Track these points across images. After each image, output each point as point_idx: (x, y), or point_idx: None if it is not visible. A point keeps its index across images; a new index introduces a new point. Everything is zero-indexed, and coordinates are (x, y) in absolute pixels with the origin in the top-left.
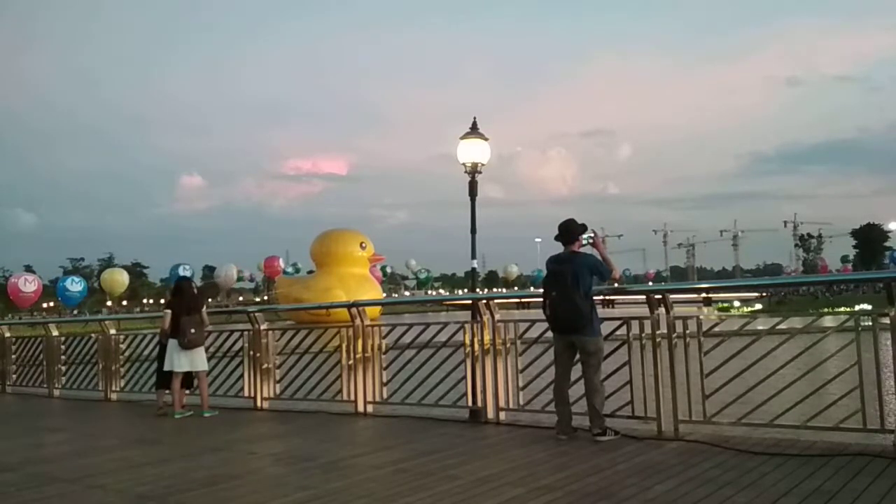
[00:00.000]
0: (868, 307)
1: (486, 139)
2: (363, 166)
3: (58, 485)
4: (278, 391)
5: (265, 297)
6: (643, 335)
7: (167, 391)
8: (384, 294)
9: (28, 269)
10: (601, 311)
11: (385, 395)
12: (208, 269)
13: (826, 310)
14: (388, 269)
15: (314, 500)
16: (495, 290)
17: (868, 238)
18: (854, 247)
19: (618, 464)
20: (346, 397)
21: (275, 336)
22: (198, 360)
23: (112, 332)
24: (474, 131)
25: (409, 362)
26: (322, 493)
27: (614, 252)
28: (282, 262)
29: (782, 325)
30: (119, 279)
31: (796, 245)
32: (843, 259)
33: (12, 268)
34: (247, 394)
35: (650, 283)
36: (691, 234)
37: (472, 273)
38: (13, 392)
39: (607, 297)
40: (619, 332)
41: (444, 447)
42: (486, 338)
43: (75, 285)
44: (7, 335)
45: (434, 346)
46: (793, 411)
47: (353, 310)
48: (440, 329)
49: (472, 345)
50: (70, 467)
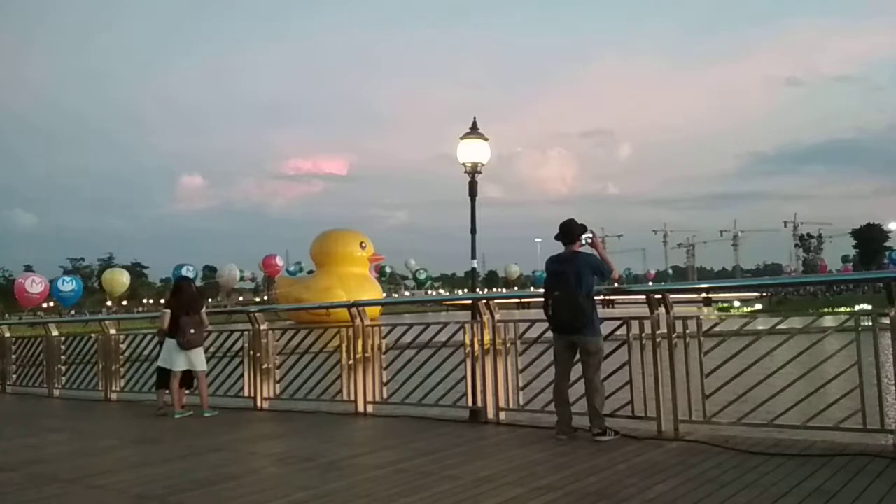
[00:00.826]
0: (868, 307)
1: (486, 139)
2: (363, 166)
3: (58, 485)
4: (278, 391)
5: (265, 297)
6: (643, 335)
7: (167, 391)
8: (384, 294)
9: (28, 269)
10: (601, 311)
11: (385, 395)
12: (209, 269)
13: (826, 310)
14: (388, 269)
15: (314, 500)
16: (495, 290)
17: (868, 238)
18: (854, 247)
19: (618, 464)
20: (346, 397)
21: (275, 336)
22: (197, 361)
23: (112, 332)
24: (474, 131)
25: (409, 362)
26: (322, 493)
27: (614, 252)
28: (279, 260)
29: (782, 325)
30: (120, 279)
31: (796, 245)
32: (844, 259)
33: (12, 268)
34: (247, 394)
35: (650, 284)
36: (691, 234)
37: (472, 273)
38: (13, 392)
39: (607, 297)
40: (619, 332)
41: (444, 447)
42: (486, 338)
43: (67, 285)
44: (7, 335)
45: (434, 346)
46: (793, 411)
47: (353, 310)
48: (440, 329)
49: (472, 345)
50: (70, 467)
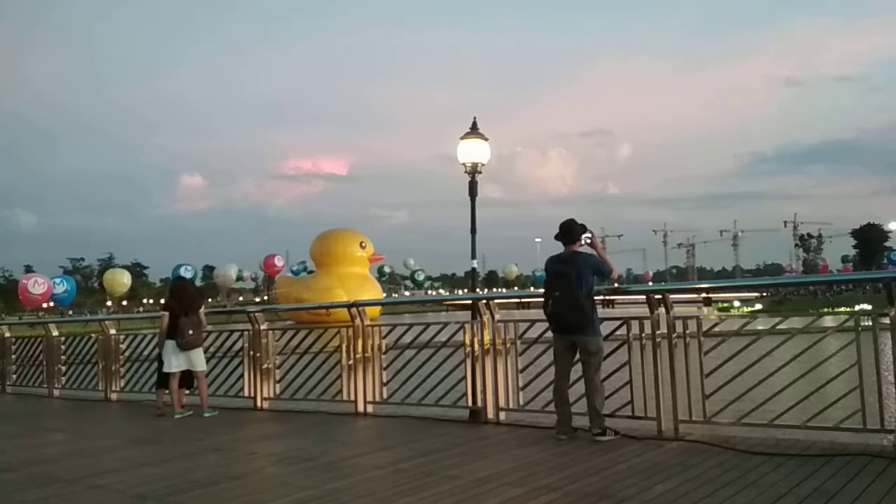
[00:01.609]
0: (868, 307)
1: (486, 139)
2: (363, 166)
3: (58, 485)
4: (278, 391)
5: (265, 297)
6: (643, 335)
7: (167, 391)
8: (384, 294)
9: (28, 269)
10: (601, 312)
11: (385, 395)
12: (208, 268)
13: (826, 310)
14: (387, 269)
15: (314, 500)
16: (495, 290)
17: (868, 238)
18: (854, 247)
19: (618, 464)
20: (346, 397)
21: (275, 336)
22: (196, 361)
23: (112, 332)
24: (474, 131)
25: (409, 362)
26: (322, 493)
27: (614, 252)
28: (278, 260)
29: (782, 325)
30: (120, 279)
31: (796, 245)
32: (843, 259)
33: (12, 268)
34: (247, 394)
35: (650, 284)
36: (691, 234)
37: (472, 273)
38: (13, 392)
39: (607, 297)
40: (619, 332)
41: (444, 447)
42: (486, 338)
43: (59, 287)
44: (7, 335)
45: (434, 346)
46: (793, 411)
47: (353, 310)
48: (440, 329)
49: (472, 345)
50: (70, 467)
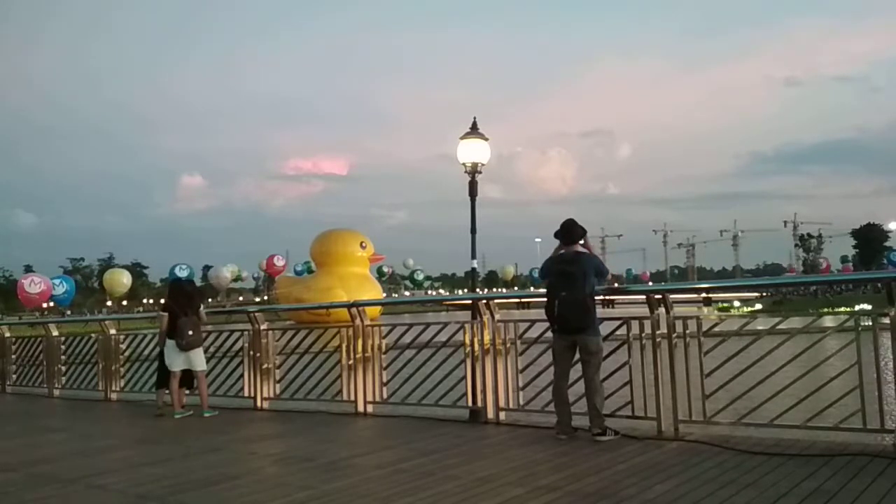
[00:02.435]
0: (868, 307)
1: (486, 139)
2: (363, 166)
3: (58, 485)
4: (278, 391)
5: (265, 297)
6: (643, 335)
7: (167, 391)
8: (384, 294)
9: (28, 269)
10: (601, 312)
11: (385, 395)
12: (208, 268)
13: (826, 310)
14: (385, 270)
15: (314, 500)
16: (495, 290)
17: (868, 238)
18: (854, 247)
19: (618, 464)
20: (346, 397)
21: (275, 336)
22: (196, 361)
23: (112, 332)
24: (474, 131)
25: (409, 362)
26: (322, 493)
27: (614, 252)
28: (278, 259)
29: (782, 325)
30: (120, 279)
31: (796, 245)
32: (843, 259)
33: (12, 268)
34: (247, 394)
35: (650, 283)
36: (691, 234)
37: (472, 273)
38: (13, 392)
39: (607, 297)
40: (619, 332)
41: (444, 447)
42: (486, 338)
43: (59, 287)
44: (7, 335)
45: (434, 346)
46: (793, 411)
47: (353, 310)
48: (440, 329)
49: (472, 345)
50: (70, 467)
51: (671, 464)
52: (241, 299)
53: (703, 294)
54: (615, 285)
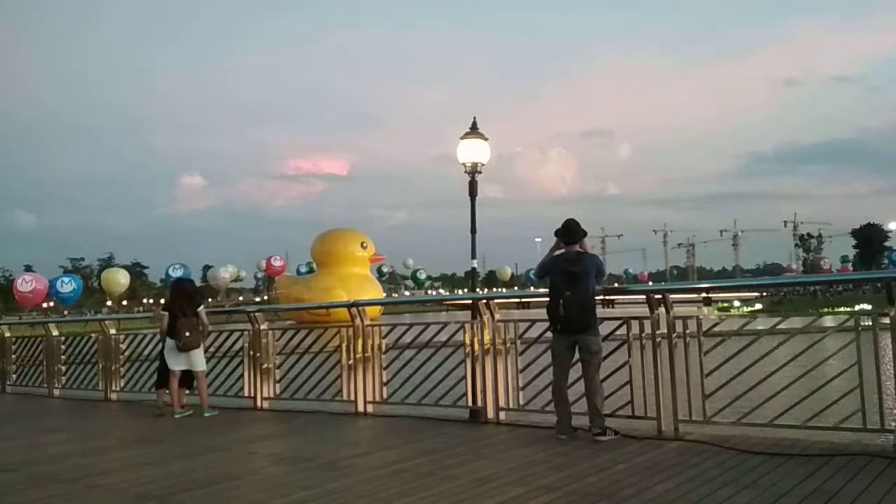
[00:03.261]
0: (868, 307)
1: (485, 139)
2: (363, 166)
3: (58, 485)
4: (278, 391)
5: (265, 297)
6: (643, 335)
7: (167, 391)
8: (384, 294)
9: (28, 269)
10: (600, 311)
11: (385, 395)
12: (208, 269)
13: (826, 310)
14: (385, 270)
15: (314, 500)
16: (495, 290)
17: (868, 238)
18: (854, 247)
19: (618, 464)
20: (346, 397)
21: (275, 336)
22: (196, 361)
23: (112, 332)
24: (474, 131)
25: (409, 362)
26: (322, 493)
27: (614, 252)
28: (275, 260)
29: (782, 325)
30: (117, 279)
31: (796, 245)
32: (843, 259)
33: (12, 268)
34: (247, 394)
35: (650, 283)
36: (691, 234)
37: (472, 273)
38: (13, 392)
39: (607, 297)
40: (619, 332)
41: (444, 447)
42: (486, 338)
43: (65, 286)
44: (7, 335)
45: (434, 346)
46: (793, 411)
47: (353, 310)
48: (440, 329)
49: (472, 345)
50: (70, 467)
51: (671, 464)
52: (240, 299)
53: (703, 294)
54: (615, 285)
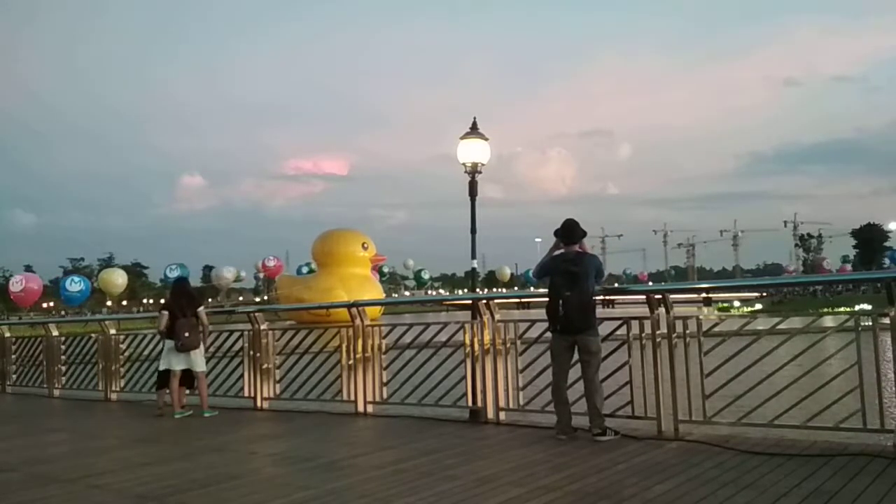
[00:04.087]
0: (868, 307)
1: (486, 139)
2: (363, 166)
3: (58, 485)
4: (278, 391)
5: (265, 298)
6: (643, 335)
7: (168, 391)
8: (384, 295)
9: (28, 270)
10: (600, 311)
11: (385, 395)
12: (208, 269)
13: (826, 310)
14: (385, 270)
15: (314, 500)
16: (495, 290)
17: (868, 238)
18: (854, 247)
19: (618, 464)
20: (346, 397)
21: (275, 336)
22: (196, 361)
23: (112, 332)
24: (474, 131)
25: (409, 362)
26: (322, 493)
27: (614, 252)
28: (268, 261)
29: (782, 325)
30: (113, 280)
31: (796, 245)
32: (844, 259)
33: (12, 268)
34: (247, 394)
35: (650, 283)
36: (691, 234)
37: (472, 273)
38: (13, 392)
39: (607, 297)
40: (619, 332)
41: (444, 447)
42: (486, 338)
43: (75, 285)
44: (7, 335)
45: (434, 346)
46: (793, 411)
47: (353, 310)
48: (440, 329)
49: (472, 345)
50: (70, 467)
51: (671, 464)
52: (241, 299)
53: (703, 294)
54: (615, 285)
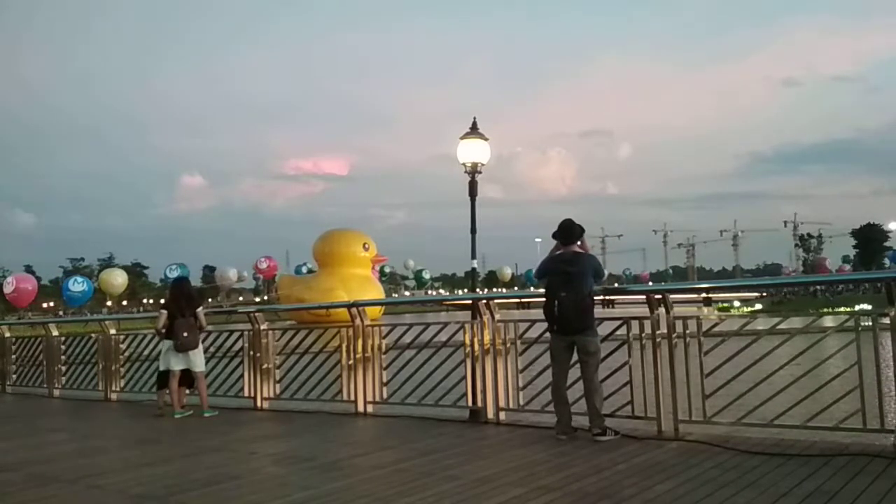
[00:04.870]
0: (868, 307)
1: (485, 139)
2: (363, 166)
3: (58, 485)
4: (278, 391)
5: (265, 298)
6: (643, 335)
7: (168, 391)
8: (384, 295)
9: (28, 270)
10: (600, 311)
11: (385, 395)
12: (208, 269)
13: (826, 310)
14: (385, 270)
15: (314, 500)
16: (495, 290)
17: (868, 238)
18: (854, 247)
19: (618, 464)
20: (346, 397)
21: (275, 336)
22: (195, 361)
23: (112, 332)
24: (474, 131)
25: (409, 362)
26: (322, 493)
27: (614, 252)
28: (261, 263)
29: (782, 325)
30: (111, 280)
31: (796, 245)
32: (845, 259)
33: (12, 268)
34: (247, 394)
35: (650, 283)
36: (691, 234)
37: (472, 273)
38: (13, 392)
39: (607, 298)
40: (619, 332)
41: (444, 447)
42: (486, 338)
43: (78, 285)
44: (7, 335)
45: (434, 346)
46: (793, 411)
47: (354, 310)
48: (440, 329)
49: (472, 345)
50: (70, 467)
51: (671, 464)
52: (241, 299)
53: (703, 294)
54: (615, 285)
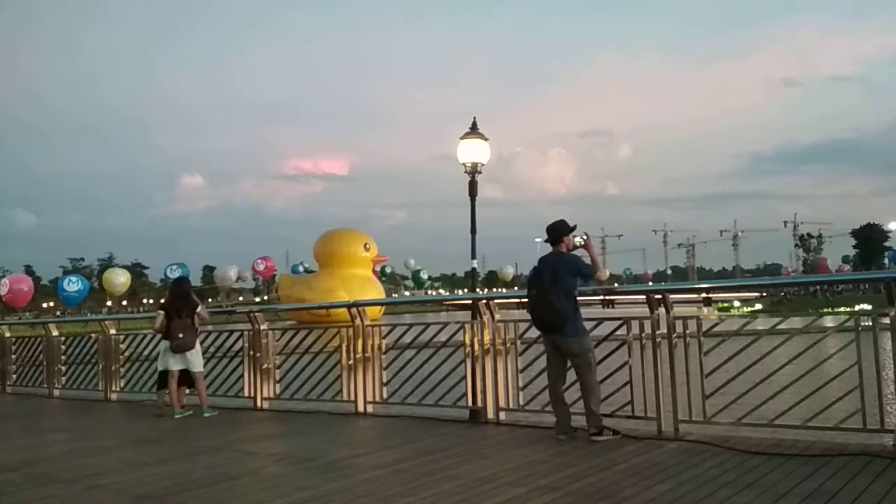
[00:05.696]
0: (868, 307)
1: (485, 139)
2: (363, 166)
3: (58, 485)
4: (278, 391)
5: (265, 298)
6: (643, 335)
7: (168, 391)
8: (385, 295)
9: (28, 270)
10: (600, 312)
11: (385, 395)
12: (208, 269)
13: (826, 310)
14: (386, 270)
15: (314, 500)
16: (495, 290)
17: (868, 238)
18: (854, 247)
19: (618, 464)
20: (346, 397)
21: (275, 336)
22: (194, 362)
23: (112, 332)
24: (474, 131)
25: (409, 362)
26: (322, 493)
27: (614, 252)
28: (258, 264)
29: (782, 325)
30: (113, 280)
31: (796, 245)
32: (844, 259)
33: (12, 268)
34: (247, 394)
35: (650, 283)
36: (691, 234)
37: (472, 273)
38: (13, 392)
39: (607, 298)
40: (619, 332)
41: (444, 447)
42: (486, 338)
43: (72, 285)
44: (7, 335)
45: (434, 346)
46: (793, 411)
47: (354, 310)
48: (440, 329)
49: (472, 345)
50: (70, 467)
51: (671, 464)
52: (241, 299)
53: (703, 294)
54: (615, 285)
